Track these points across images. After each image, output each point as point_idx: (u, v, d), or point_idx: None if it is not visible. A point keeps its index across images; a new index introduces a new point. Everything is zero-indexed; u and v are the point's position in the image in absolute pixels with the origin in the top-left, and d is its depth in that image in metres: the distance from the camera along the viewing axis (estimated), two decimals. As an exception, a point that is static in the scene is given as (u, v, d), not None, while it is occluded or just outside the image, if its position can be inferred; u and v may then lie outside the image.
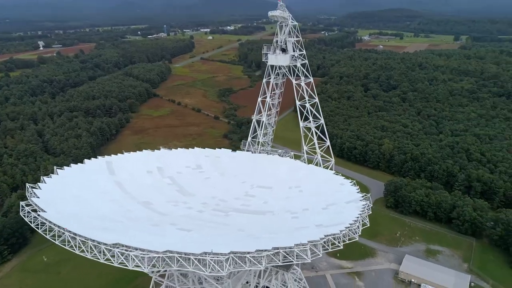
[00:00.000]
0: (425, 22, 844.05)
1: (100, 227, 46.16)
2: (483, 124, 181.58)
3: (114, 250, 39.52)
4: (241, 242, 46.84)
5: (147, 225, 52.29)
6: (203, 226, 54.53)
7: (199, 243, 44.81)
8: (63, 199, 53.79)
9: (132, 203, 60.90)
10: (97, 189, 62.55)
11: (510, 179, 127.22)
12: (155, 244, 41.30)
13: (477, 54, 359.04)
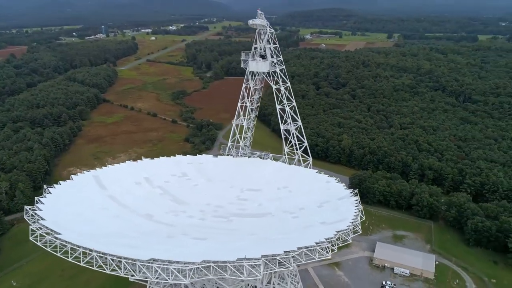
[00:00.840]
0: (360, 21, 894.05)
1: (122, 244, 45.96)
2: (426, 116, 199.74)
3: (152, 265, 40.02)
4: (263, 245, 49.30)
5: (163, 238, 52.68)
6: (215, 234, 56.09)
7: (226, 250, 46.53)
8: (69, 220, 52.19)
9: (135, 217, 60.43)
10: (95, 205, 61.09)
11: (456, 166, 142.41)
12: (185, 255, 42.38)
13: (411, 51, 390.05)
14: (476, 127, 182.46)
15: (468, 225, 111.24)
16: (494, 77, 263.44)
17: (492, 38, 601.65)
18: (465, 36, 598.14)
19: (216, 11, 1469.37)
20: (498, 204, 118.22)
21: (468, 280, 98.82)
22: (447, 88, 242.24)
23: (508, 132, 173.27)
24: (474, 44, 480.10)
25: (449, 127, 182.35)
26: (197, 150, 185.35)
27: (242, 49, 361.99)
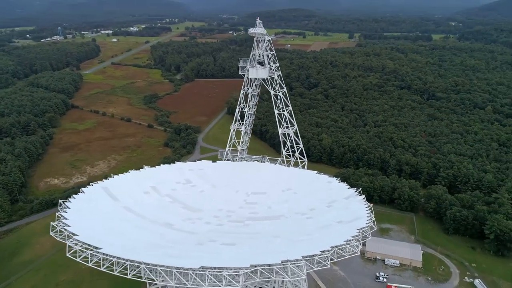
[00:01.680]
0: (321, 21, 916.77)
1: (163, 255, 46.91)
2: (396, 114, 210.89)
3: (204, 273, 41.54)
4: (295, 247, 52.01)
5: (194, 246, 53.98)
6: (241, 239, 58.12)
7: (262, 254, 48.77)
8: (98, 233, 52.21)
9: (157, 227, 61.10)
10: (115, 217, 61.12)
11: (429, 160, 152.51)
12: (229, 261, 44.29)
13: (374, 51, 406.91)
14: (443, 122, 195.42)
15: (447, 215, 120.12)
16: (453, 75, 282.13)
17: (444, 37, 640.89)
18: (421, 36, 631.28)
19: (176, 12, 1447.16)
20: (472, 194, 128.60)
21: (452, 266, 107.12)
22: (412, 87, 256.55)
23: (471, 127, 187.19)
24: (429, 43, 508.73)
25: (419, 124, 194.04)
26: (178, 154, 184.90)
27: (210, 51, 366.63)
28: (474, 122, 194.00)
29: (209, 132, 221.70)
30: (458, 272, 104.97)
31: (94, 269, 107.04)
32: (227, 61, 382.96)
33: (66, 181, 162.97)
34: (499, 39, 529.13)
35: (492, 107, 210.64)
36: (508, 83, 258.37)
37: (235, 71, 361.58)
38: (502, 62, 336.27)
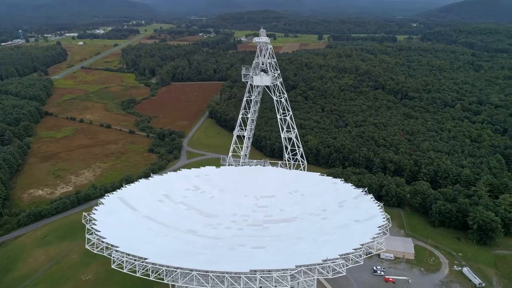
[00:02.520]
0: (290, 23, 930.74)
1: (205, 261, 48.64)
2: (374, 114, 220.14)
3: (256, 276, 43.83)
4: (324, 246, 55.14)
5: (227, 250, 55.96)
6: (268, 241, 60.60)
7: (297, 255, 51.55)
8: (135, 244, 53.06)
9: (182, 234, 62.46)
10: (140, 227, 61.94)
11: (411, 158, 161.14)
12: (269, 263, 46.85)
13: (345, 52, 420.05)
14: (418, 121, 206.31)
15: (432, 209, 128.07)
16: (422, 75, 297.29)
17: (408, 38, 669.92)
18: (386, 37, 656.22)
19: (141, 13, 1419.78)
20: (453, 188, 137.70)
21: (441, 256, 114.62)
22: (386, 87, 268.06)
23: (445, 125, 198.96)
24: (395, 44, 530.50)
25: (396, 123, 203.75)
26: (165, 160, 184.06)
27: (183, 53, 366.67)
28: (447, 120, 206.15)
29: (193, 136, 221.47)
30: (447, 262, 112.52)
31: (95, 280, 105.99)
32: (203, 64, 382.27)
33: (51, 191, 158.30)
34: (459, 40, 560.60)
35: (461, 105, 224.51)
36: (473, 82, 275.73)
37: (211, 74, 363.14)
38: (464, 62, 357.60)
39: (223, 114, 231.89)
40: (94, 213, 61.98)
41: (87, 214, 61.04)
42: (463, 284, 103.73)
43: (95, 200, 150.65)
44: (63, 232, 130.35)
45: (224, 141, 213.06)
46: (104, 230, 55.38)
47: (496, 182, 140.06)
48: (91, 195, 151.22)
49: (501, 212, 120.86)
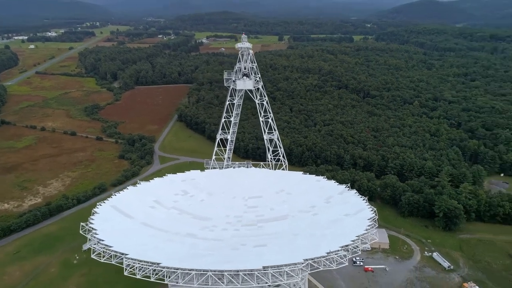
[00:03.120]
0: (250, 24, 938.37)
1: (215, 261, 50.44)
2: (340, 113, 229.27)
3: (268, 271, 46.31)
4: (322, 241, 58.59)
5: (231, 250, 57.99)
6: (267, 239, 63.26)
7: (298, 251, 54.57)
8: (145, 250, 53.74)
9: (184, 238, 63.63)
10: (142, 234, 62.50)
11: (378, 153, 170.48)
12: (279, 260, 49.68)
13: (307, 53, 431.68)
14: (381, 118, 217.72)
15: (402, 200, 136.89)
16: (381, 74, 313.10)
17: (363, 38, 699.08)
18: (343, 37, 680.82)
19: (94, 15, 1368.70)
20: (419, 180, 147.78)
21: (413, 244, 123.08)
22: (349, 86, 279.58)
23: (405, 121, 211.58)
24: (353, 44, 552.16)
25: (362, 121, 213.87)
26: (137, 166, 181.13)
27: (145, 56, 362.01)
28: (407, 116, 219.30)
29: (164, 140, 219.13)
30: (419, 249, 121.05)
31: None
32: (166, 67, 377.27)
33: (18, 204, 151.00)
34: (410, 40, 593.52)
35: (419, 102, 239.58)
36: (427, 79, 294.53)
37: (176, 77, 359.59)
38: (417, 61, 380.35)
39: (193, 117, 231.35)
40: (92, 222, 61.70)
41: (85, 224, 60.78)
42: (434, 268, 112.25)
43: (68, 211, 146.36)
44: (37, 246, 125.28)
45: (197, 144, 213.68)
46: (108, 239, 55.61)
47: (456, 173, 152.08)
48: (63, 206, 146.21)
49: (462, 200, 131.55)
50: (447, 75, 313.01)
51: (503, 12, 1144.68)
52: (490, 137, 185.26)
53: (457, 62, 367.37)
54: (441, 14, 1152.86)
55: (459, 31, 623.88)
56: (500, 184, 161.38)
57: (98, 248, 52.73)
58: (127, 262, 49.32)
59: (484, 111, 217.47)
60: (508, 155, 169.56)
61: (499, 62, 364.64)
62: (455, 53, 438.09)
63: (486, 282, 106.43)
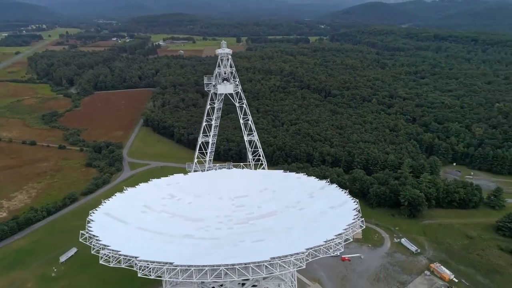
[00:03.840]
0: (206, 26, 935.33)
1: (224, 257, 53.46)
2: (305, 112, 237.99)
3: (275, 262, 50.09)
4: (316, 232, 63.31)
5: (232, 247, 61.10)
6: (263, 235, 67.00)
7: (298, 242, 58.72)
8: (150, 254, 55.50)
9: (183, 239, 65.82)
10: (142, 238, 63.99)
11: (344, 149, 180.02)
12: (283, 250, 53.83)
13: (267, 54, 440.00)
14: (344, 116, 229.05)
15: (370, 192, 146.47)
16: (339, 74, 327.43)
17: (319, 39, 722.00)
18: (299, 38, 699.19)
19: (40, 16, 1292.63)
20: (384, 173, 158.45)
21: (382, 232, 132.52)
22: (310, 86, 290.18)
23: (366, 118, 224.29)
24: (310, 45, 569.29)
25: (326, 119, 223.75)
26: (107, 173, 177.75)
27: (101, 60, 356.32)
28: (367, 113, 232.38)
29: (132, 146, 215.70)
30: (388, 236, 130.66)
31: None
32: (126, 71, 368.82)
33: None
34: (362, 40, 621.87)
35: (377, 100, 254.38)
36: (382, 78, 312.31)
37: (136, 81, 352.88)
38: (371, 61, 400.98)
39: (160, 121, 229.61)
40: (91, 230, 62.35)
41: (85, 232, 61.46)
42: (403, 253, 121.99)
43: (38, 224, 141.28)
44: (9, 262, 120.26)
45: (166, 149, 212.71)
46: (112, 244, 56.87)
47: (415, 164, 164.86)
48: (32, 219, 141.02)
49: (423, 189, 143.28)
50: (399, 73, 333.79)
51: (443, 14, 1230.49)
52: (442, 130, 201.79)
53: (407, 61, 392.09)
54: (388, 16, 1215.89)
55: (406, 31, 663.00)
56: (454, 172, 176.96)
57: (105, 254, 53.87)
58: (140, 264, 51.12)
59: (435, 106, 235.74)
60: (458, 146, 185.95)
61: (444, 61, 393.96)
62: (405, 53, 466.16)
63: (449, 261, 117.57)
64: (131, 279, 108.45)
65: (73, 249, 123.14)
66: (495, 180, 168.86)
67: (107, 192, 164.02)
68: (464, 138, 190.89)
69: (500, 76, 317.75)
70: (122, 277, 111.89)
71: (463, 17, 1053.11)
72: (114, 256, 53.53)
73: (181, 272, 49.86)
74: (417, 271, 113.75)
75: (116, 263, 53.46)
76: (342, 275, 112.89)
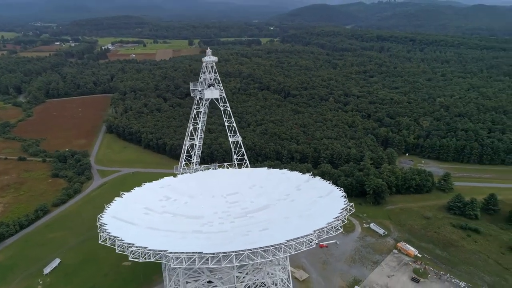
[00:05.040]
0: (156, 28, 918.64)
1: (245, 243, 60.04)
2: (268, 113, 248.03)
3: (291, 243, 57.74)
4: (311, 220, 71.55)
5: (242, 237, 67.84)
6: (266, 225, 74.27)
7: (300, 229, 66.61)
8: (170, 245, 60.63)
9: (196, 234, 71.41)
10: (155, 236, 68.71)
11: (310, 146, 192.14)
12: (295, 234, 61.75)
13: (223, 57, 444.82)
14: (305, 115, 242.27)
15: (338, 184, 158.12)
16: (295, 75, 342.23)
17: (269, 40, 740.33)
18: (252, 40, 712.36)
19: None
20: (349, 166, 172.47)
21: (353, 219, 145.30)
22: (270, 87, 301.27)
23: (326, 115, 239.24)
24: (263, 47, 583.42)
25: (289, 118, 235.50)
26: (77, 182, 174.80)
27: (48, 66, 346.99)
28: (326, 111, 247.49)
29: (98, 154, 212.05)
30: (358, 222, 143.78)
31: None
32: (79, 77, 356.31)
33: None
34: (312, 41, 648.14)
35: (333, 98, 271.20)
36: (335, 78, 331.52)
37: (92, 87, 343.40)
38: (323, 61, 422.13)
39: (126, 127, 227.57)
40: (109, 232, 65.98)
41: (102, 233, 65.14)
42: (373, 236, 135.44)
43: (11, 238, 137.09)
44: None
45: (135, 154, 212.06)
46: (136, 242, 61.37)
47: (375, 156, 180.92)
48: (4, 234, 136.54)
49: (384, 178, 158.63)
50: (350, 73, 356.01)
51: (381, 15, 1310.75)
52: (394, 124, 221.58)
53: (356, 61, 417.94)
54: (332, 17, 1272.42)
55: (351, 32, 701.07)
56: (407, 162, 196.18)
57: (132, 251, 58.33)
58: (171, 256, 56.33)
59: (385, 102, 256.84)
60: (410, 138, 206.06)
61: (388, 60, 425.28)
62: (352, 53, 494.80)
63: (412, 240, 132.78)
64: (123, 284, 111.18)
65: (56, 260, 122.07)
66: (442, 167, 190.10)
67: (81, 201, 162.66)
68: (414, 130, 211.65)
69: (437, 73, 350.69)
70: (112, 284, 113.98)
71: (399, 18, 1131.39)
72: (143, 252, 58.06)
73: (211, 259, 55.98)
74: (386, 250, 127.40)
75: (146, 257, 58.02)
76: (323, 260, 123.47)
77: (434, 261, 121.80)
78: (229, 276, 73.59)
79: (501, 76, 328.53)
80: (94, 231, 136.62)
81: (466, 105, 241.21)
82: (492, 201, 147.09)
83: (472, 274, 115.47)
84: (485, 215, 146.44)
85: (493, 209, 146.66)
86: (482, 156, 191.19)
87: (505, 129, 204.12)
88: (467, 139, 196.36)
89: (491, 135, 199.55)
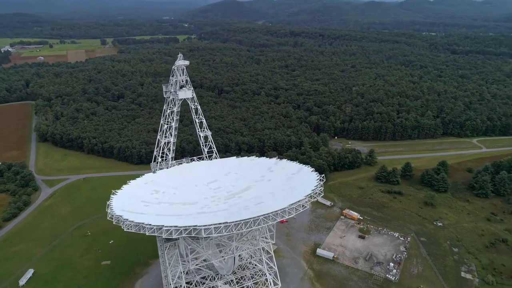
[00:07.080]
0: (58, 27, 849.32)
1: (252, 212, 73.83)
2: (207, 109, 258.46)
3: (292, 207, 73.51)
4: (294, 192, 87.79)
5: (245, 210, 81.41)
6: (258, 200, 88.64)
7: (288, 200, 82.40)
8: (193, 221, 71.91)
9: (201, 215, 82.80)
10: (170, 218, 79.10)
11: (255, 137, 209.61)
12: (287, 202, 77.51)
13: (146, 57, 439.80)
14: (242, 109, 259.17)
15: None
16: (224, 72, 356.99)
17: (187, 38, 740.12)
18: (169, 38, 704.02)
19: None
20: (293, 151, 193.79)
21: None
22: (203, 85, 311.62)
23: (261, 108, 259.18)
24: (183, 45, 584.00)
25: (229, 113, 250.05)
26: (24, 195, 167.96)
27: None
28: (260, 105, 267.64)
29: (37, 164, 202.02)
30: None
31: None
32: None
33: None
34: (230, 38, 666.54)
35: (265, 92, 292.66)
36: (262, 73, 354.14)
37: (5, 94, 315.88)
38: (246, 58, 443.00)
39: (63, 134, 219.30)
40: (132, 220, 74.50)
41: (124, 225, 73.66)
42: (322, 208, 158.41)
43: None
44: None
45: (79, 161, 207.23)
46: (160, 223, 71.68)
47: (312, 141, 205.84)
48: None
49: (323, 159, 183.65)
50: (274, 67, 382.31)
51: (289, 11, 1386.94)
52: (322, 112, 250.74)
53: (276, 56, 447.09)
54: (243, 13, 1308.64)
55: (266, 29, 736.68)
56: (338, 144, 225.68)
57: (166, 230, 68.60)
58: (202, 228, 68.09)
59: (311, 93, 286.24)
60: (337, 123, 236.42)
61: (304, 54, 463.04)
62: (270, 48, 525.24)
63: (353, 206, 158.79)
64: (106, 283, 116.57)
65: (30, 271, 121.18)
66: (366, 145, 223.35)
67: (35, 212, 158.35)
68: (339, 116, 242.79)
69: (348, 65, 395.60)
70: (95, 283, 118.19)
71: (305, 14, 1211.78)
72: (176, 230, 68.61)
73: (235, 226, 69.29)
74: (335, 218, 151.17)
75: (177, 234, 68.72)
76: (286, 233, 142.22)
77: (373, 220, 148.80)
78: (230, 247, 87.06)
79: (398, 66, 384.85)
80: (60, 238, 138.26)
81: (377, 91, 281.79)
82: (408, 169, 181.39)
83: (402, 226, 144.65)
84: (404, 180, 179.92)
85: (409, 175, 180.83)
86: (395, 134, 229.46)
87: (409, 110, 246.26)
88: (382, 120, 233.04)
89: (399, 115, 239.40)
